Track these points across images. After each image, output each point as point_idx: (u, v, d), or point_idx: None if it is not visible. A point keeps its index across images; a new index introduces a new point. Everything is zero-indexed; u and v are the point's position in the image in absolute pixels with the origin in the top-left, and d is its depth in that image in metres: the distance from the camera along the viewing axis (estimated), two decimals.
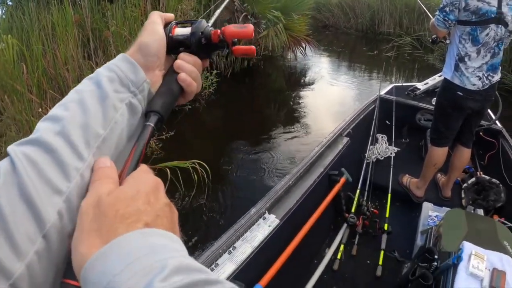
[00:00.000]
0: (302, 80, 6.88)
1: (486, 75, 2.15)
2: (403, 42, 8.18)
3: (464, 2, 2.02)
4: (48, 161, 0.34)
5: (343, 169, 2.36)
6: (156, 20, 0.50)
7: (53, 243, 0.32)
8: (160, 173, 3.32)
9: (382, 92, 3.37)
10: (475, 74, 2.14)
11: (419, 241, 2.13)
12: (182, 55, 0.50)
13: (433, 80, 3.50)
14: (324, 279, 2.07)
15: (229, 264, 1.50)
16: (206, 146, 4.25)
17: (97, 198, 0.33)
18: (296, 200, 1.91)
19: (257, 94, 6.15)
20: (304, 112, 5.33)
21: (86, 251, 0.30)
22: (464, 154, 2.45)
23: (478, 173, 2.69)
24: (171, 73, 0.50)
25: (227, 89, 5.63)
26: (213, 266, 1.48)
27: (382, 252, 2.19)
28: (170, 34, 0.51)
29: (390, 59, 7.78)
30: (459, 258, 1.32)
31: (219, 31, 0.51)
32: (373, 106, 3.20)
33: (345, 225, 2.40)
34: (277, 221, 1.75)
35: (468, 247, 1.32)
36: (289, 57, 7.47)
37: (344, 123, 2.72)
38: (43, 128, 0.36)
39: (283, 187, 1.92)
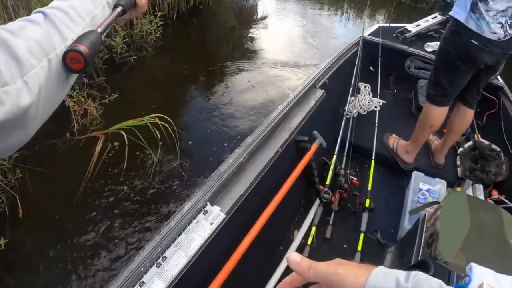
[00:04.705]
0: (254, 18, 6.17)
1: (509, 23, 1.62)
2: None
3: None
4: (65, 17, 0.54)
5: (315, 132, 1.90)
6: None
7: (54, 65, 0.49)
8: (115, 138, 2.94)
9: (366, 33, 2.82)
10: (497, 20, 1.60)
11: (407, 223, 1.76)
12: None
13: (426, 21, 2.95)
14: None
15: (157, 282, 1.13)
16: (160, 98, 3.70)
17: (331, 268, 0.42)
18: (250, 182, 1.46)
19: (207, 35, 5.61)
20: (259, 52, 4.88)
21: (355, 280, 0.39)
22: (467, 116, 2.00)
23: (475, 136, 2.28)
24: None
25: (174, 33, 5.10)
26: (137, 286, 1.09)
27: (362, 235, 1.82)
28: None
29: None
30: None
31: None
32: (355, 49, 2.69)
33: (317, 201, 2.01)
34: (222, 215, 1.32)
35: (478, 274, 0.92)
36: None
37: (318, 71, 2.20)
38: (58, 3, 0.56)
39: (231, 166, 1.45)
